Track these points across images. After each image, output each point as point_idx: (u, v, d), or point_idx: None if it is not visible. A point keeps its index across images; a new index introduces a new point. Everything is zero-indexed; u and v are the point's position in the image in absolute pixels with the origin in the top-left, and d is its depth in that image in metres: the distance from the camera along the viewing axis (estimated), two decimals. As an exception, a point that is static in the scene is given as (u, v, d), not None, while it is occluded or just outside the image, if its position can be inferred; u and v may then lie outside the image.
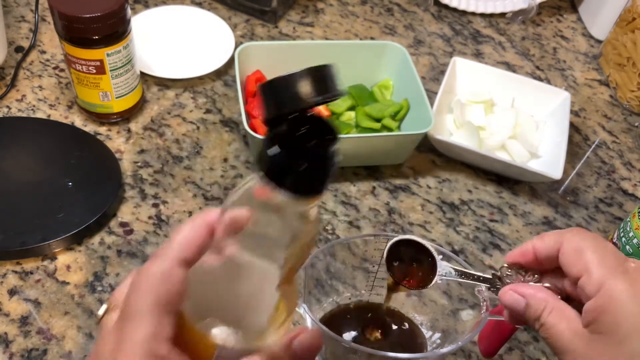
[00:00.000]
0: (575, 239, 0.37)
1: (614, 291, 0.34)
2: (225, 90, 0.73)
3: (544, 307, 0.37)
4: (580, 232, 0.38)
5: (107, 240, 0.58)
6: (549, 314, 0.37)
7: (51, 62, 0.73)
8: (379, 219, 0.63)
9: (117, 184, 0.60)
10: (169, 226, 0.59)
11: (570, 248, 0.37)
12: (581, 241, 0.37)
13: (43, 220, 0.56)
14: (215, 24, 0.78)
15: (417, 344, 0.51)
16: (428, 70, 0.81)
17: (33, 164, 0.60)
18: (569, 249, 0.37)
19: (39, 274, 0.54)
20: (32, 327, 0.51)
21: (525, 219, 0.66)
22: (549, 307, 0.37)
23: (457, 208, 0.66)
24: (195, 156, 0.66)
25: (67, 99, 0.69)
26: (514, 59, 0.86)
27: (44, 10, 0.80)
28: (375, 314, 0.52)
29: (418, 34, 0.87)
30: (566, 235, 0.38)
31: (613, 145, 0.76)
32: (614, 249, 0.37)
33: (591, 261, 0.36)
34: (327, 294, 0.51)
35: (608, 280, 0.35)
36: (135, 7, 0.82)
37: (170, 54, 0.75)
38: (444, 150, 0.69)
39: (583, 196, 0.69)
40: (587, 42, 0.91)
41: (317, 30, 0.84)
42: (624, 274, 0.35)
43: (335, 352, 0.47)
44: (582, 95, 0.82)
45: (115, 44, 0.59)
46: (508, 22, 0.91)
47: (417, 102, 0.67)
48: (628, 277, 0.35)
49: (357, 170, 0.67)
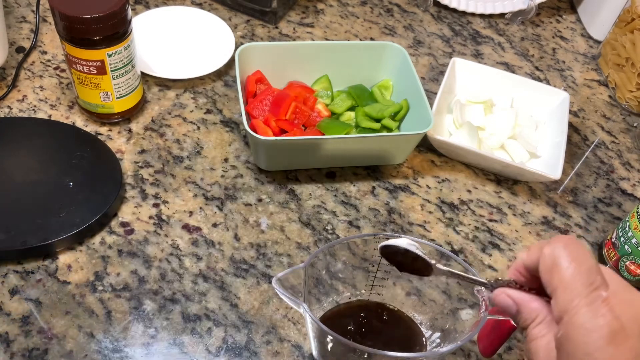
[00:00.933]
0: (551, 251, 0.35)
1: (572, 325, 0.33)
2: (225, 91, 0.73)
3: (534, 318, 0.37)
4: (560, 241, 0.35)
5: (108, 240, 0.58)
6: (536, 326, 0.36)
7: (52, 62, 0.73)
8: (379, 218, 0.63)
9: (118, 184, 0.60)
10: (170, 226, 0.60)
11: (545, 263, 0.35)
12: (557, 254, 0.35)
13: (44, 220, 0.56)
14: (216, 25, 0.79)
15: (417, 343, 0.51)
16: (428, 70, 0.82)
17: (34, 164, 0.61)
18: (545, 264, 0.35)
19: (40, 274, 0.55)
20: (33, 326, 0.51)
21: (525, 218, 0.66)
22: (538, 319, 0.37)
23: (457, 208, 0.66)
24: (195, 156, 0.66)
25: (68, 99, 0.69)
26: (513, 60, 0.86)
27: (45, 10, 0.80)
28: (375, 314, 0.52)
29: (418, 34, 0.87)
30: (545, 247, 0.36)
31: (612, 145, 0.76)
32: (590, 265, 0.34)
33: (559, 282, 0.34)
34: (327, 294, 0.52)
35: (570, 310, 0.33)
36: (136, 7, 0.82)
37: (171, 54, 0.76)
38: (444, 150, 0.69)
39: (582, 196, 0.70)
40: (586, 42, 0.91)
41: (317, 31, 0.84)
42: (588, 305, 0.33)
43: (335, 351, 0.47)
44: (581, 95, 0.82)
45: (116, 45, 0.59)
46: (507, 23, 0.92)
47: (416, 102, 0.67)
48: (591, 309, 0.32)
49: (357, 170, 0.68)
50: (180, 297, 0.55)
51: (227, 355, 0.52)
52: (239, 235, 0.60)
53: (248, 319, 0.54)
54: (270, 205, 0.63)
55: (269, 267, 0.58)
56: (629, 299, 0.34)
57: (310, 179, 0.66)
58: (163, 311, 0.53)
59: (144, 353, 0.51)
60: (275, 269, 0.58)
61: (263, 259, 0.58)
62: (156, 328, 0.52)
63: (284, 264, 0.58)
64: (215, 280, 0.56)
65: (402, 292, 0.52)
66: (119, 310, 0.53)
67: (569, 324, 0.33)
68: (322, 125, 0.66)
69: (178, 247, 0.58)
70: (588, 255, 0.35)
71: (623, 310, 0.33)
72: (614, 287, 0.34)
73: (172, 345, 0.52)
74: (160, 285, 0.55)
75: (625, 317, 0.32)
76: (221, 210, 0.62)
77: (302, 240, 0.60)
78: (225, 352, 0.52)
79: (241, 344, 0.52)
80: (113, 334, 0.52)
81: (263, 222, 0.61)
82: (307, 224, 0.62)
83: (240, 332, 0.53)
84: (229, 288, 0.56)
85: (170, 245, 0.58)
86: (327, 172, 0.67)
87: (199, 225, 0.60)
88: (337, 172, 0.67)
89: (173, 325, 0.53)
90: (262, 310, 0.55)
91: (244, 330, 0.53)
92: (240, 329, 0.53)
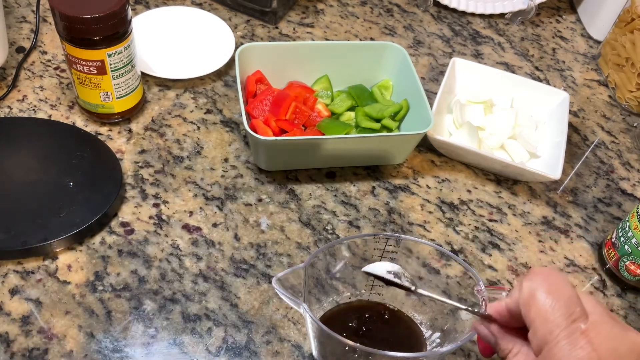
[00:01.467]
0: (529, 284, 0.35)
1: (552, 356, 0.33)
2: (225, 91, 0.73)
3: (511, 349, 0.38)
4: (538, 274, 0.36)
5: (108, 240, 0.58)
6: (514, 357, 0.38)
7: (52, 62, 0.73)
8: (379, 218, 0.64)
9: (118, 184, 0.60)
10: (170, 226, 0.60)
11: (524, 296, 0.36)
12: (534, 286, 0.35)
13: (44, 220, 0.56)
14: (216, 25, 0.79)
15: (417, 343, 0.51)
16: (427, 70, 0.82)
17: (34, 164, 0.61)
18: (523, 297, 0.36)
19: (40, 274, 0.55)
20: (33, 326, 0.51)
21: (525, 218, 0.66)
22: (514, 350, 0.38)
23: (457, 208, 0.66)
24: (195, 156, 0.66)
25: (68, 99, 0.69)
26: (513, 60, 0.86)
27: (45, 10, 0.80)
28: (375, 314, 0.52)
29: (418, 34, 0.87)
30: (524, 281, 0.36)
31: (612, 145, 0.76)
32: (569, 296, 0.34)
33: (537, 314, 0.34)
34: (327, 294, 0.52)
35: (550, 342, 0.33)
36: (136, 7, 0.82)
37: (171, 54, 0.76)
38: (444, 150, 0.69)
39: (582, 196, 0.70)
40: (586, 42, 0.91)
41: (317, 31, 0.84)
42: (567, 337, 0.33)
43: (335, 351, 0.47)
44: (581, 95, 0.82)
45: (116, 45, 0.59)
46: (507, 23, 0.92)
47: (416, 102, 0.67)
48: (570, 341, 0.33)
49: (357, 170, 0.68)
50: (180, 297, 0.55)
51: (227, 355, 0.52)
52: (239, 235, 0.60)
53: (248, 319, 0.54)
54: (270, 205, 0.63)
55: (269, 267, 0.58)
56: (608, 331, 0.34)
57: (310, 179, 0.66)
58: (163, 311, 0.54)
59: (144, 353, 0.51)
60: (275, 269, 0.58)
61: (263, 259, 0.58)
62: (156, 328, 0.52)
63: (284, 264, 0.58)
64: (215, 280, 0.56)
65: (402, 292, 0.52)
66: (119, 310, 0.53)
67: (548, 356, 0.33)
68: (322, 125, 0.66)
69: (178, 247, 0.58)
70: (567, 285, 0.35)
71: (602, 343, 0.33)
72: (595, 318, 0.34)
73: (172, 345, 0.52)
74: (161, 285, 0.55)
75: (603, 349, 0.33)
76: (221, 210, 0.62)
77: (302, 240, 0.60)
78: (225, 352, 0.52)
79: (241, 344, 0.52)
80: (113, 334, 0.52)
81: (263, 222, 0.61)
82: (307, 224, 0.62)
83: (240, 332, 0.53)
84: (229, 288, 0.56)
85: (170, 245, 0.58)
86: (327, 172, 0.67)
87: (199, 225, 0.60)
88: (337, 172, 0.67)
89: (173, 325, 0.53)
90: (262, 310, 0.55)
91: (244, 330, 0.53)
92: (240, 329, 0.53)
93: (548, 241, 0.64)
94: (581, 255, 0.64)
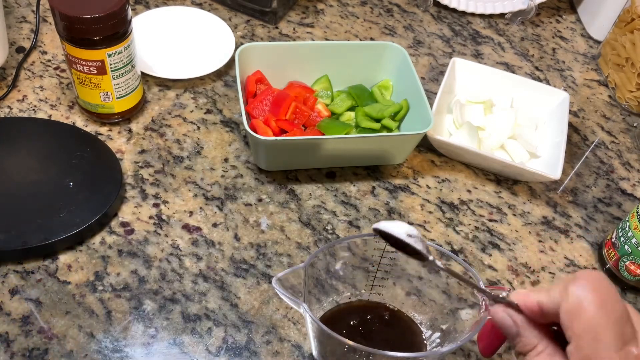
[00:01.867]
0: (578, 291, 0.32)
1: None
2: (225, 91, 0.73)
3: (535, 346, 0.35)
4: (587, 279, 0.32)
5: (108, 240, 0.58)
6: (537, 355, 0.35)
7: (52, 62, 0.73)
8: (379, 218, 0.63)
9: (118, 184, 0.60)
10: (170, 226, 0.60)
11: (570, 304, 0.32)
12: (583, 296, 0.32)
13: (44, 220, 0.56)
14: (216, 25, 0.79)
15: (417, 343, 0.51)
16: (427, 70, 0.82)
17: (34, 164, 0.61)
18: (569, 305, 0.32)
19: (40, 274, 0.55)
20: (33, 326, 0.51)
21: (525, 218, 0.66)
22: (539, 348, 0.35)
23: (457, 208, 0.66)
24: (195, 156, 0.66)
25: (68, 99, 0.69)
26: (513, 60, 0.86)
27: (45, 10, 0.80)
28: (375, 313, 0.52)
29: (418, 34, 0.87)
30: (571, 285, 0.32)
31: (612, 145, 0.76)
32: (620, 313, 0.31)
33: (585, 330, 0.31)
34: (327, 294, 0.52)
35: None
36: (136, 7, 0.82)
37: (171, 54, 0.76)
38: (444, 150, 0.69)
39: (582, 196, 0.70)
40: (586, 42, 0.91)
41: (317, 31, 0.84)
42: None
43: (335, 351, 0.47)
44: (581, 95, 0.82)
45: (116, 45, 0.59)
46: (507, 23, 0.92)
47: (416, 102, 0.67)
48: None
49: (357, 170, 0.68)
50: (180, 297, 0.55)
51: (227, 355, 0.52)
52: (239, 235, 0.60)
53: (248, 319, 0.54)
54: (270, 205, 0.63)
55: (269, 267, 0.58)
56: None
57: (310, 179, 0.66)
58: (163, 311, 0.54)
59: (144, 353, 0.51)
60: (275, 269, 0.58)
61: (263, 259, 0.58)
62: (156, 328, 0.52)
63: (284, 264, 0.58)
64: (215, 280, 0.56)
65: (402, 292, 0.52)
66: (119, 310, 0.53)
67: None
68: (322, 125, 0.66)
69: (178, 247, 0.58)
70: (619, 299, 0.32)
71: None
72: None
73: (172, 345, 0.52)
74: (160, 285, 0.55)
75: None
76: (221, 210, 0.62)
77: (302, 240, 0.60)
78: (225, 352, 0.52)
79: (241, 343, 0.52)
80: (113, 334, 0.52)
81: (263, 222, 0.61)
82: (307, 224, 0.62)
83: (240, 332, 0.53)
84: (229, 288, 0.56)
85: (170, 245, 0.58)
86: (327, 172, 0.67)
87: (199, 225, 0.60)
88: (337, 172, 0.67)
89: (173, 325, 0.53)
90: (262, 310, 0.55)
91: (244, 330, 0.53)
92: (240, 329, 0.53)
93: (548, 241, 0.64)
94: (581, 255, 0.64)
